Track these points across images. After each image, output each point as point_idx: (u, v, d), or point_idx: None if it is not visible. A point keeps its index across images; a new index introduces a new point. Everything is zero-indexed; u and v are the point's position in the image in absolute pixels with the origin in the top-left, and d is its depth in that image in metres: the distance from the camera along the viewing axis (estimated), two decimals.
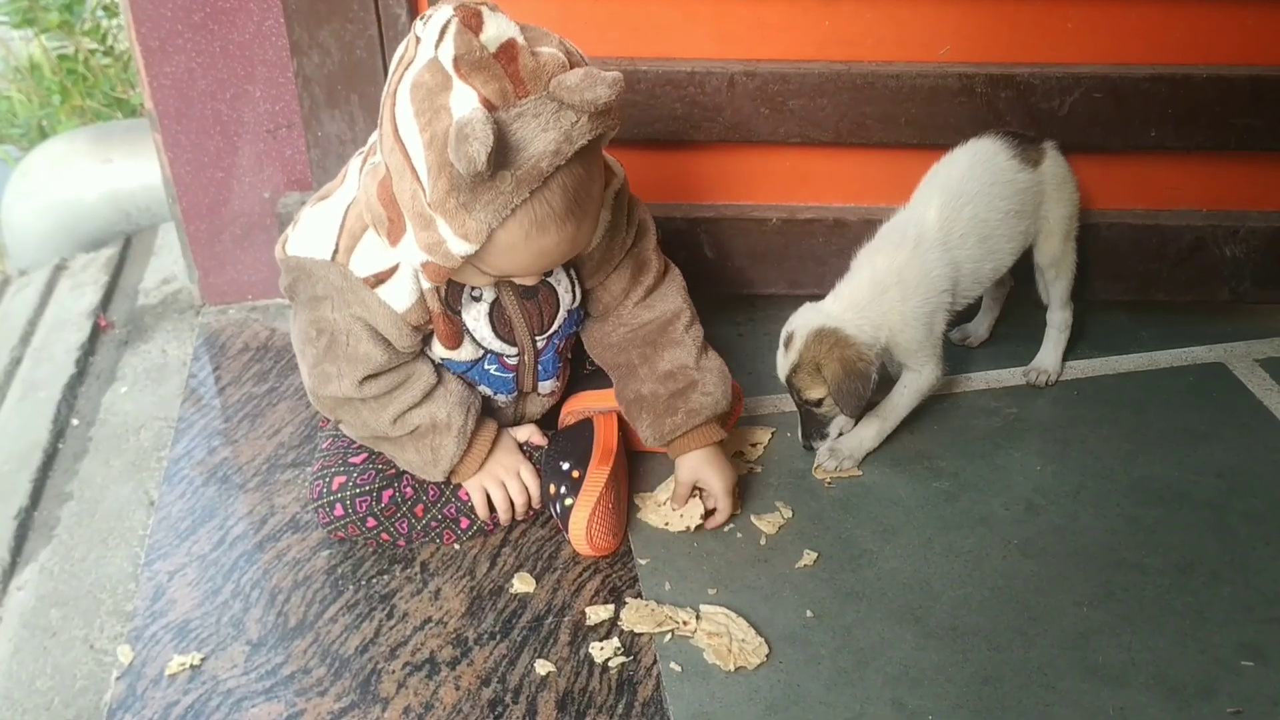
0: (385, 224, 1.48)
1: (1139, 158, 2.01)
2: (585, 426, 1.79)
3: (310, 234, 1.59)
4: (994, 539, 1.72)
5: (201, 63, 2.11)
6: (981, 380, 2.05)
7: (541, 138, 1.34)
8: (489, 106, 1.33)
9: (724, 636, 1.57)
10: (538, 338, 1.70)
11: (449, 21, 1.35)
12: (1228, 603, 1.60)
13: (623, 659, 1.56)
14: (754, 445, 1.91)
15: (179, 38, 2.08)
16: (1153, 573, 1.66)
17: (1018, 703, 1.48)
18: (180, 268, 2.45)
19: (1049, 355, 2.03)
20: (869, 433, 1.87)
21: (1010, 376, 2.05)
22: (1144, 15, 1.90)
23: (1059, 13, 1.91)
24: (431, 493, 1.72)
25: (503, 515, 1.74)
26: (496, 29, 1.36)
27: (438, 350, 1.67)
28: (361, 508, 1.68)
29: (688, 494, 1.75)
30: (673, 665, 1.54)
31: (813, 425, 1.85)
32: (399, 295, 1.56)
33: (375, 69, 1.99)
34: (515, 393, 1.78)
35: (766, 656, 1.55)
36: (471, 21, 1.35)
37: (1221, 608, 1.60)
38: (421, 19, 1.40)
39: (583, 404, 1.86)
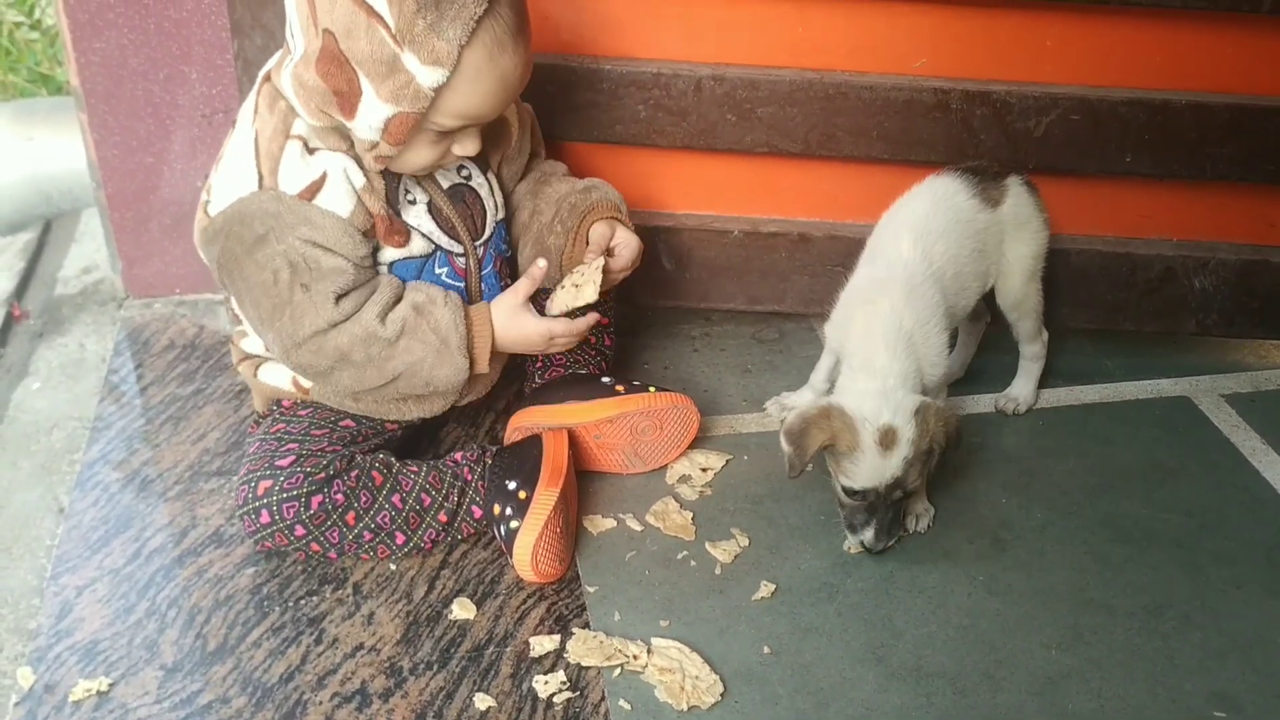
0: (333, 100, 1.46)
1: (1112, 183, 1.96)
2: (533, 443, 1.70)
3: (226, 184, 1.55)
4: (958, 574, 1.65)
5: (134, 40, 2.00)
6: None
7: None
8: None
9: (677, 673, 1.48)
10: (476, 244, 1.69)
11: None
12: (1199, 649, 1.55)
13: (569, 694, 1.47)
14: (705, 470, 1.82)
15: (111, 12, 1.97)
16: (1122, 615, 1.60)
17: None
18: (103, 257, 2.32)
19: (1023, 385, 1.98)
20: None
21: (973, 404, 1.99)
22: (1124, 37, 1.86)
23: (1039, 29, 1.86)
24: (364, 499, 1.61)
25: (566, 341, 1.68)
26: None
27: (388, 253, 1.62)
28: (289, 514, 1.57)
29: (600, 248, 1.72)
30: (622, 703, 1.45)
31: (900, 513, 1.67)
32: (338, 201, 1.54)
33: None
34: None
35: (721, 695, 1.46)
36: None
37: (1193, 654, 1.54)
38: None
39: (531, 419, 1.77)
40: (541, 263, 1.67)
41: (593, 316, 1.67)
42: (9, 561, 1.69)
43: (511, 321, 1.63)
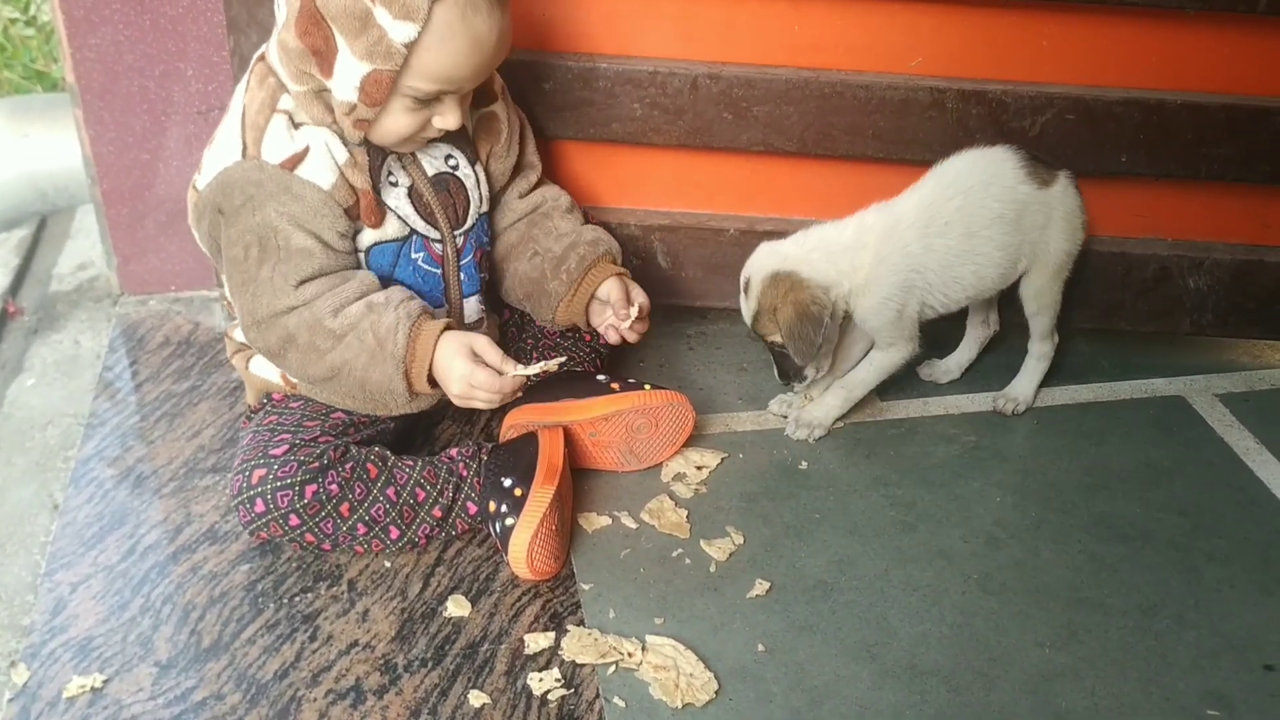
0: (312, 59, 1.48)
1: (1108, 183, 1.96)
2: (529, 441, 1.70)
3: (214, 158, 1.58)
4: (953, 573, 1.65)
5: (130, 36, 1.99)
6: (939, 406, 1.99)
7: None
8: None
9: (671, 670, 1.48)
10: (456, 233, 1.70)
11: None
12: (1193, 648, 1.55)
13: (563, 691, 1.47)
14: (700, 468, 1.82)
15: (106, 8, 1.96)
16: (1116, 614, 1.60)
17: None
18: (98, 253, 2.32)
19: (1024, 384, 1.98)
20: (835, 402, 1.88)
21: (969, 403, 1.99)
22: (1120, 37, 1.86)
23: (1035, 29, 1.86)
24: (358, 491, 1.61)
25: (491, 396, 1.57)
26: None
27: (366, 237, 1.62)
28: (283, 502, 1.57)
29: (622, 305, 1.76)
30: (616, 700, 1.45)
31: (787, 366, 1.85)
32: (319, 174, 1.55)
33: None
34: (445, 307, 1.72)
35: (715, 693, 1.46)
36: None
37: (1187, 653, 1.54)
38: None
39: (526, 417, 1.77)
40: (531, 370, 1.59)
41: (519, 380, 1.57)
42: (3, 558, 1.68)
43: (452, 350, 1.55)
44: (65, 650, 1.51)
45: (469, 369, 1.54)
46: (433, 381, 1.58)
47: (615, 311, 1.76)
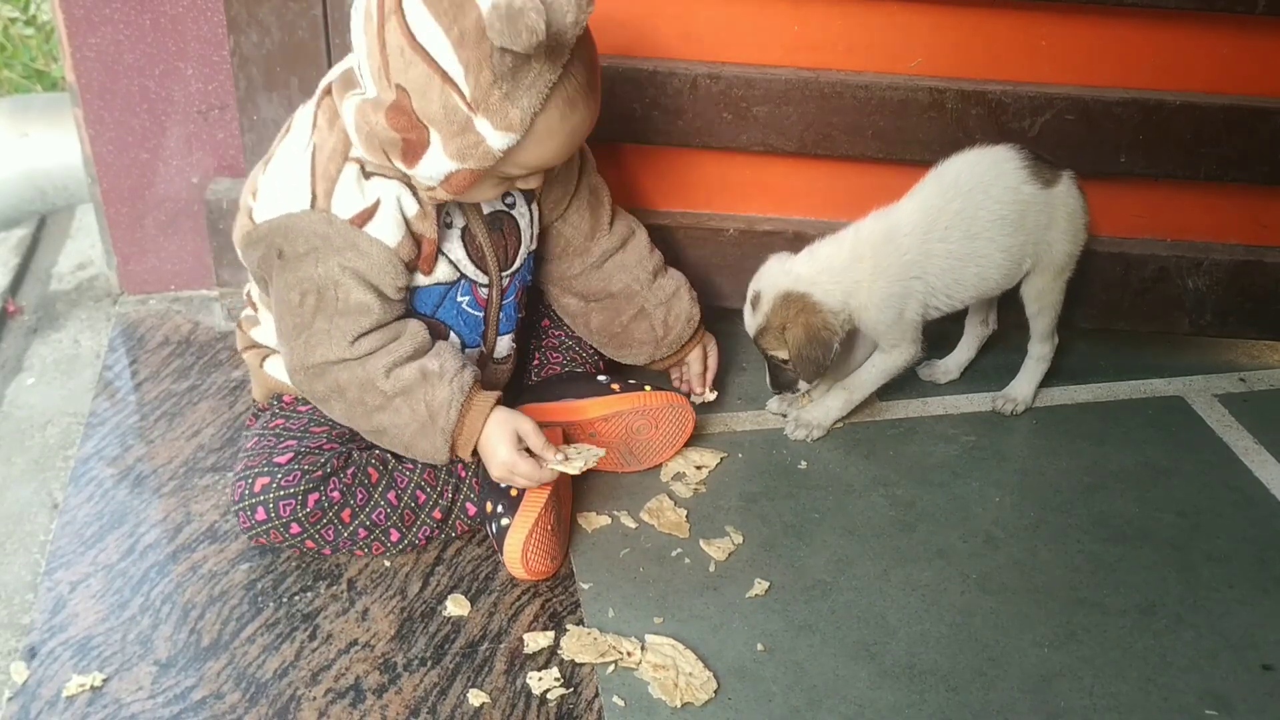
0: (399, 146, 1.43)
1: (1107, 183, 1.96)
2: None
3: (278, 193, 1.53)
4: (952, 573, 1.66)
5: (130, 35, 1.99)
6: (939, 406, 1.99)
7: (560, 8, 1.34)
8: None
9: (670, 669, 1.48)
10: (503, 274, 1.68)
11: None
12: (1191, 648, 1.55)
13: (562, 690, 1.47)
14: (699, 468, 1.82)
15: (106, 7, 1.97)
16: (1114, 613, 1.60)
17: None
18: (98, 253, 2.32)
19: (1023, 384, 1.98)
20: (835, 404, 1.89)
21: (968, 403, 1.99)
22: (1119, 37, 1.86)
23: (1033, 30, 1.86)
24: (359, 496, 1.61)
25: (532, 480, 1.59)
26: None
27: (414, 281, 1.61)
28: (285, 512, 1.57)
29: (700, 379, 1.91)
30: (615, 699, 1.46)
31: (782, 378, 1.87)
32: (387, 230, 1.52)
33: (318, 51, 1.88)
34: (480, 346, 1.72)
35: (715, 692, 1.47)
36: None
37: (1185, 653, 1.55)
38: None
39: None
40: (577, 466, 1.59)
41: (558, 472, 1.59)
42: (3, 557, 1.68)
43: (499, 433, 1.56)
44: (65, 649, 1.51)
45: (512, 458, 1.55)
46: (475, 450, 1.58)
47: (692, 387, 1.90)
